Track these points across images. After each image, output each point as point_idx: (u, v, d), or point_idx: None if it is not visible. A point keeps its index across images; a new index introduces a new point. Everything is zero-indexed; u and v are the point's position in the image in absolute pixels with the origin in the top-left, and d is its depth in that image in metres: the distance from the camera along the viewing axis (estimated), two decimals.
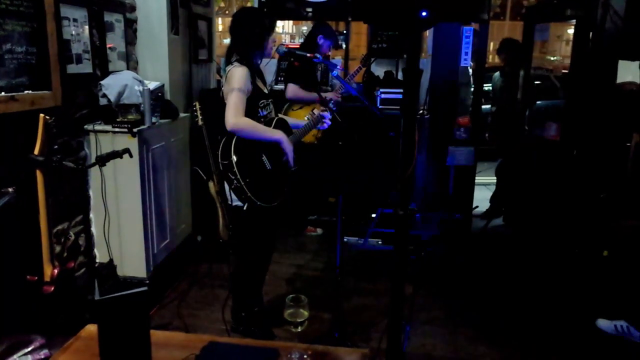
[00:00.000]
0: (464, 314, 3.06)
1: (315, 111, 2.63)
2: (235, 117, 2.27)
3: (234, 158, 2.31)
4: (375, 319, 2.94)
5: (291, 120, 2.74)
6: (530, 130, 4.47)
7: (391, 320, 1.78)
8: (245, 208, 2.38)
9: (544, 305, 3.13)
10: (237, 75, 2.32)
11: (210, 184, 3.24)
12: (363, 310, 3.08)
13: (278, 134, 2.43)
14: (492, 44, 8.02)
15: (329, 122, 2.66)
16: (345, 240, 3.86)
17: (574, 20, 4.02)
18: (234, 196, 2.37)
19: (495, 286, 3.39)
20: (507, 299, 3.22)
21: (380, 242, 3.96)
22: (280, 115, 2.66)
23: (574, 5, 3.76)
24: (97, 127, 2.83)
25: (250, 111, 2.37)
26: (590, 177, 3.57)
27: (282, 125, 2.52)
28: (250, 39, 2.38)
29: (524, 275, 3.53)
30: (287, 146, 2.45)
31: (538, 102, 5.28)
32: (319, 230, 4.36)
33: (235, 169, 2.30)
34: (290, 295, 1.46)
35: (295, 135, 2.57)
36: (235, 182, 2.31)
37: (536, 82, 6.23)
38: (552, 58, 7.48)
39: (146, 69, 3.47)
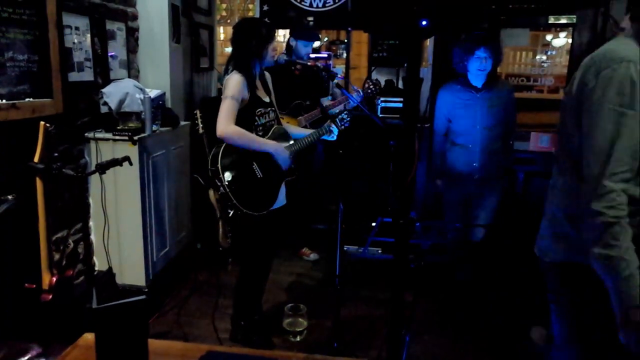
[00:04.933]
0: (465, 323, 3.04)
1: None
2: (225, 125, 2.28)
3: (221, 165, 2.32)
4: (375, 328, 2.93)
5: (295, 130, 2.72)
6: None
7: (391, 329, 1.77)
8: (231, 215, 2.39)
9: (546, 314, 3.11)
10: (232, 83, 2.33)
11: (210, 192, 3.24)
12: (363, 320, 3.06)
13: (269, 145, 2.41)
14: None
15: (335, 137, 2.66)
16: (345, 249, 3.84)
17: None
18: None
19: (497, 295, 3.37)
20: (509, 308, 3.20)
21: (380, 251, 3.94)
22: (283, 123, 2.65)
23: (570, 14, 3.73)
24: (98, 135, 2.83)
25: (247, 119, 2.37)
26: None
27: (280, 135, 2.51)
28: (247, 48, 2.39)
29: (526, 284, 3.51)
30: (281, 157, 2.44)
31: None
32: (312, 256, 4.06)
33: (222, 175, 2.31)
34: (289, 304, 1.45)
35: (297, 144, 2.56)
36: (221, 189, 2.32)
37: None
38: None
39: (147, 77, 3.49)
